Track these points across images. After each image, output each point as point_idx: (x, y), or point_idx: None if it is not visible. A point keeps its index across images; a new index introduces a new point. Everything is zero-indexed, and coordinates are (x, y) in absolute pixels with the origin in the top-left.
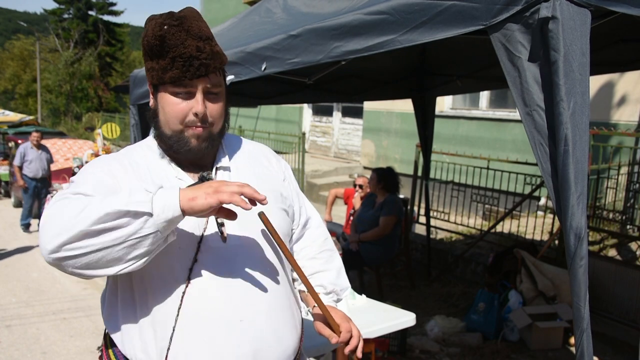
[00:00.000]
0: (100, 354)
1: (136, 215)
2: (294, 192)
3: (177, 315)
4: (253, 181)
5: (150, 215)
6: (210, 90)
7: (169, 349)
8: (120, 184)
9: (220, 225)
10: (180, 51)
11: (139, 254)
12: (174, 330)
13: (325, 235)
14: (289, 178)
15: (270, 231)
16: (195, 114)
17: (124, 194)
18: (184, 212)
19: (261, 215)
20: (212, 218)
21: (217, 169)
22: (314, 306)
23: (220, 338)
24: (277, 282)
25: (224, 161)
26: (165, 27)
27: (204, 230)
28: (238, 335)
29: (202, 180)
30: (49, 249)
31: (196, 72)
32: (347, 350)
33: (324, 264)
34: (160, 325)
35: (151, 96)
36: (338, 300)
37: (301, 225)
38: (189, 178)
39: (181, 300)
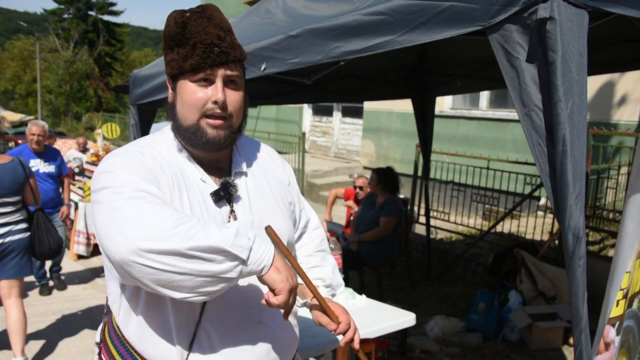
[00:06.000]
0: (98, 350)
1: (234, 258)
2: (296, 196)
3: (201, 315)
4: (266, 188)
5: (244, 263)
6: (230, 78)
7: (191, 345)
8: (159, 181)
9: None
10: (201, 37)
11: (208, 292)
12: (197, 328)
13: (322, 236)
14: (293, 183)
15: (276, 242)
16: (215, 102)
17: (231, 232)
18: (264, 273)
19: (268, 229)
20: None
21: (235, 173)
22: (312, 297)
23: (240, 338)
24: None
25: (241, 166)
26: (187, 14)
27: None
28: (256, 336)
29: (225, 185)
30: (133, 249)
31: (216, 59)
32: (343, 342)
33: (320, 261)
34: (184, 323)
35: (170, 91)
36: (333, 296)
37: (301, 227)
38: (212, 182)
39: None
